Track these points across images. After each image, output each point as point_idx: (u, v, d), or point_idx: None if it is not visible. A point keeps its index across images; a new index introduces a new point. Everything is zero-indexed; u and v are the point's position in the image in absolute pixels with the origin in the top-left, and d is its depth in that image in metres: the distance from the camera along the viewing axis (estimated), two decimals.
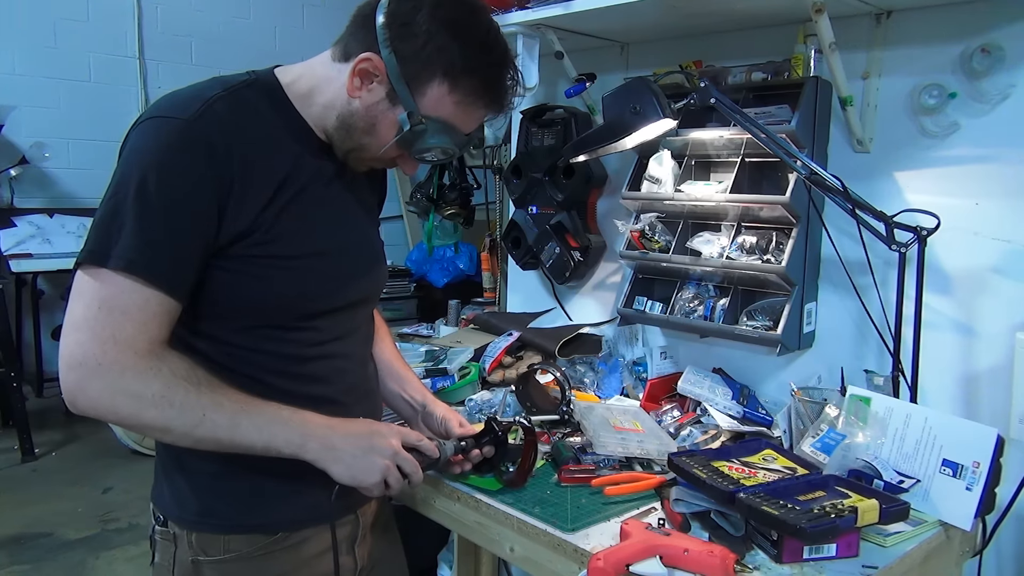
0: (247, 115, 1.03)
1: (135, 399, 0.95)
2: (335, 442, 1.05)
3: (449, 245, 4.75)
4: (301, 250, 1.06)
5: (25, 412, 3.97)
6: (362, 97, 1.04)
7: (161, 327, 0.98)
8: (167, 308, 0.97)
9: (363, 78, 1.03)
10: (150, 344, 0.96)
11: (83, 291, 0.95)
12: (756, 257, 1.55)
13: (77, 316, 0.95)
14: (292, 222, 1.05)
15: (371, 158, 1.11)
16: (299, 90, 1.09)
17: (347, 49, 1.05)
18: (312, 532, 1.13)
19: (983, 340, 1.44)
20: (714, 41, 1.79)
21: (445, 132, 1.06)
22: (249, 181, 1.00)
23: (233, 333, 1.05)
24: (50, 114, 4.62)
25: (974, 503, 1.17)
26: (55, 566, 2.93)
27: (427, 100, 1.03)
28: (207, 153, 0.97)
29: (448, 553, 2.32)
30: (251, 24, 5.35)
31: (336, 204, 1.13)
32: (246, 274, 1.02)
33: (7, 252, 4.15)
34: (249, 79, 1.07)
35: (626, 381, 1.83)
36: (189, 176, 0.96)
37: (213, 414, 0.98)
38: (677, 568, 1.02)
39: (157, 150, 0.96)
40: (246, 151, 1.00)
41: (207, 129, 0.97)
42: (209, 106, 0.99)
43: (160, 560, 1.12)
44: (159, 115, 0.99)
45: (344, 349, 1.16)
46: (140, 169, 0.95)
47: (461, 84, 1.03)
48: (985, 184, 1.43)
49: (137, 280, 0.94)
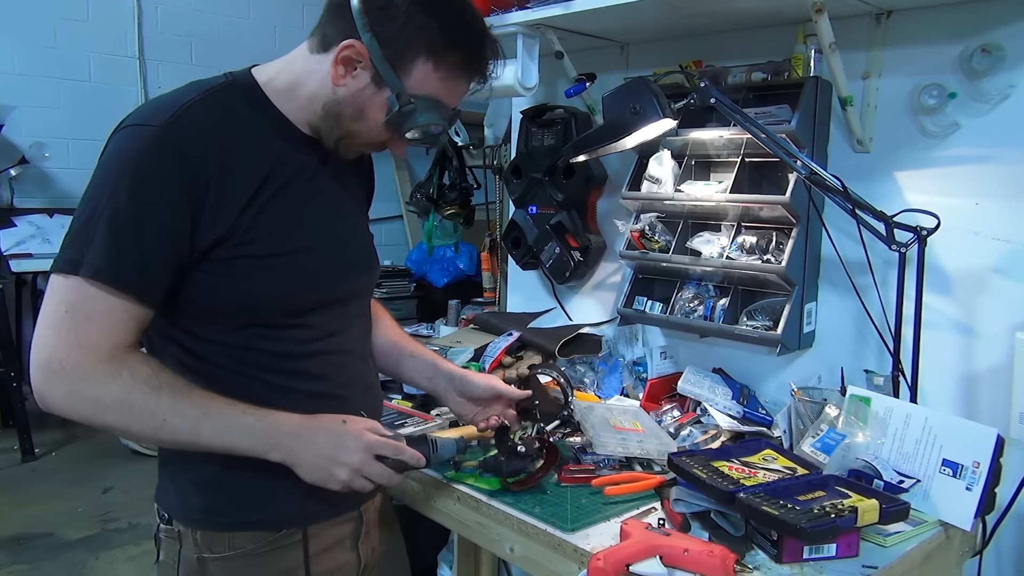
0: (224, 117, 1.03)
1: (95, 403, 0.97)
2: (298, 452, 1.04)
3: (449, 245, 4.74)
4: (284, 247, 1.06)
5: (25, 412, 3.97)
6: (347, 84, 1.04)
7: (127, 332, 0.99)
8: (134, 314, 0.99)
9: (346, 65, 1.03)
10: (113, 349, 0.97)
11: (53, 294, 0.97)
12: (756, 257, 1.55)
13: (47, 318, 0.97)
14: (274, 220, 1.05)
15: (362, 143, 1.12)
16: (278, 87, 1.09)
17: (325, 39, 1.05)
18: (317, 528, 1.13)
19: (983, 340, 1.44)
20: (714, 41, 1.79)
21: (434, 108, 1.07)
22: (227, 184, 1.00)
23: (226, 333, 1.06)
24: (50, 114, 4.62)
25: (974, 503, 1.17)
26: (55, 566, 2.93)
27: (413, 79, 1.04)
28: (179, 159, 0.97)
29: (448, 553, 2.32)
30: (251, 24, 5.36)
31: (322, 198, 1.13)
32: (229, 276, 1.03)
33: (7, 252, 4.15)
34: (225, 81, 1.08)
35: (626, 381, 1.83)
36: (161, 183, 0.97)
37: (173, 419, 0.98)
38: (677, 568, 1.02)
39: (130, 158, 0.97)
40: (223, 154, 1.00)
41: (180, 135, 0.98)
42: (184, 111, 1.00)
43: (165, 558, 1.12)
44: (134, 123, 1.00)
45: (340, 345, 1.16)
46: (113, 177, 0.97)
47: (445, 60, 1.04)
48: (985, 184, 1.43)
49: (104, 287, 0.96)
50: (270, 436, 1.03)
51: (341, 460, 1.05)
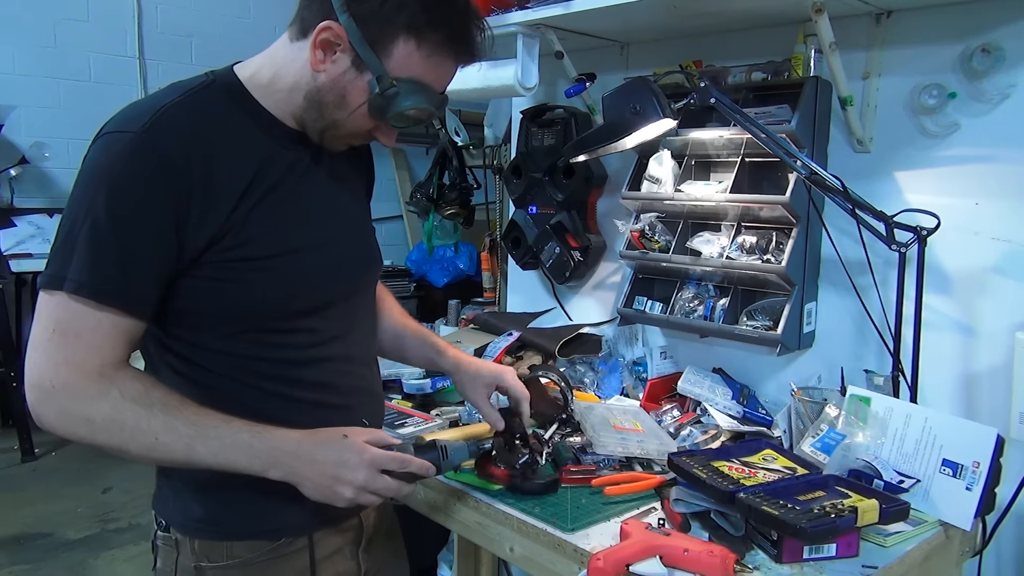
0: (206, 118, 0.99)
1: (86, 423, 0.95)
2: (299, 470, 0.99)
3: (449, 245, 4.75)
4: (279, 248, 1.03)
5: (25, 412, 3.91)
6: (327, 70, 1.00)
7: (115, 347, 0.96)
8: (123, 328, 0.95)
9: (325, 49, 0.99)
10: (101, 367, 0.94)
11: (41, 313, 0.95)
12: (756, 257, 1.55)
13: (36, 337, 0.95)
14: (266, 220, 1.02)
15: (347, 134, 1.07)
16: (260, 81, 1.05)
17: (303, 24, 1.00)
18: (317, 537, 1.11)
19: (983, 340, 1.44)
20: (714, 41, 1.79)
21: (419, 92, 1.01)
22: (212, 186, 0.97)
23: (223, 340, 1.03)
24: (50, 114, 4.62)
25: (974, 503, 1.17)
26: (55, 566, 2.93)
27: (394, 61, 0.99)
28: (158, 166, 0.94)
29: (448, 553, 2.33)
30: (251, 24, 5.36)
31: (316, 194, 1.09)
32: (225, 280, 1.00)
33: (7, 252, 4.15)
34: (206, 80, 1.04)
35: (626, 381, 1.83)
36: (139, 192, 0.93)
37: (165, 438, 0.95)
38: (677, 568, 1.02)
39: (107, 167, 0.94)
40: (206, 156, 0.97)
41: (158, 140, 0.94)
42: (162, 115, 0.96)
43: (162, 566, 1.11)
44: (111, 130, 0.97)
45: (343, 350, 1.13)
46: (91, 188, 0.94)
47: (427, 39, 0.99)
48: (985, 184, 1.43)
49: (87, 303, 0.93)
50: (269, 455, 0.99)
51: (345, 479, 1.00)
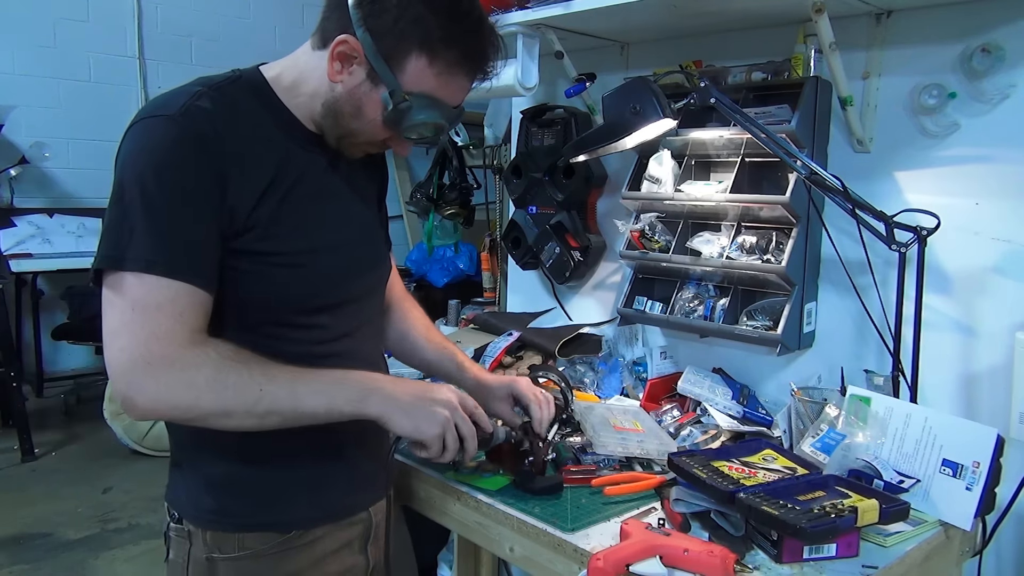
0: (232, 111, 1.02)
1: (190, 388, 0.95)
2: (396, 393, 1.05)
3: (449, 245, 4.75)
4: (299, 246, 1.06)
5: (25, 412, 3.97)
6: (344, 81, 1.03)
7: (197, 317, 0.98)
8: (197, 299, 0.97)
9: (342, 61, 1.02)
10: (191, 334, 0.96)
11: (112, 300, 0.95)
12: (756, 257, 1.55)
13: (114, 324, 0.95)
14: (289, 218, 1.04)
15: (363, 142, 1.11)
16: (284, 83, 1.08)
17: (324, 34, 1.04)
18: (326, 530, 1.13)
19: (983, 340, 1.44)
20: (714, 41, 1.79)
21: (431, 107, 1.04)
22: (241, 174, 1.00)
23: (239, 332, 1.04)
24: (50, 114, 4.63)
25: (974, 503, 1.17)
26: (55, 566, 2.93)
27: (408, 76, 1.01)
28: (198, 145, 0.97)
29: (448, 553, 2.32)
30: (251, 24, 5.36)
31: (332, 196, 1.13)
32: (247, 272, 1.02)
33: (7, 252, 4.15)
34: (233, 76, 1.07)
35: (626, 381, 1.83)
36: (185, 168, 0.96)
37: (270, 387, 0.97)
38: (677, 568, 1.02)
39: (150, 149, 0.97)
40: (235, 145, 1.00)
41: (195, 122, 0.97)
42: (195, 101, 0.99)
43: (174, 557, 1.12)
44: (147, 116, 0.99)
45: (352, 347, 1.15)
46: (137, 170, 0.96)
47: (440, 55, 1.01)
48: (985, 184, 1.43)
49: (161, 277, 0.94)
50: (365, 386, 1.03)
51: (440, 400, 1.07)
